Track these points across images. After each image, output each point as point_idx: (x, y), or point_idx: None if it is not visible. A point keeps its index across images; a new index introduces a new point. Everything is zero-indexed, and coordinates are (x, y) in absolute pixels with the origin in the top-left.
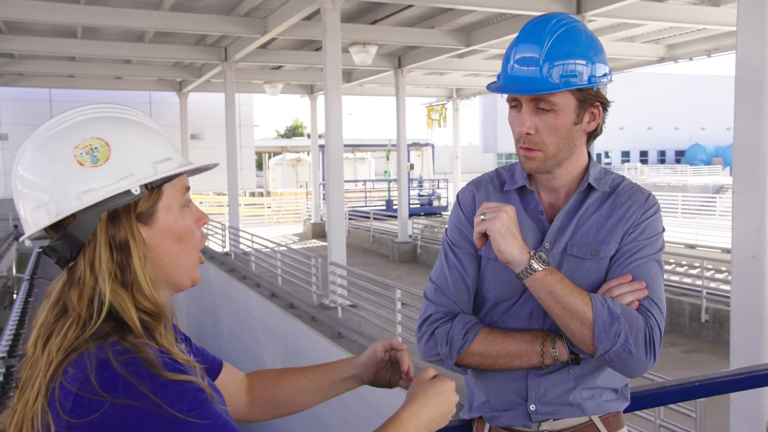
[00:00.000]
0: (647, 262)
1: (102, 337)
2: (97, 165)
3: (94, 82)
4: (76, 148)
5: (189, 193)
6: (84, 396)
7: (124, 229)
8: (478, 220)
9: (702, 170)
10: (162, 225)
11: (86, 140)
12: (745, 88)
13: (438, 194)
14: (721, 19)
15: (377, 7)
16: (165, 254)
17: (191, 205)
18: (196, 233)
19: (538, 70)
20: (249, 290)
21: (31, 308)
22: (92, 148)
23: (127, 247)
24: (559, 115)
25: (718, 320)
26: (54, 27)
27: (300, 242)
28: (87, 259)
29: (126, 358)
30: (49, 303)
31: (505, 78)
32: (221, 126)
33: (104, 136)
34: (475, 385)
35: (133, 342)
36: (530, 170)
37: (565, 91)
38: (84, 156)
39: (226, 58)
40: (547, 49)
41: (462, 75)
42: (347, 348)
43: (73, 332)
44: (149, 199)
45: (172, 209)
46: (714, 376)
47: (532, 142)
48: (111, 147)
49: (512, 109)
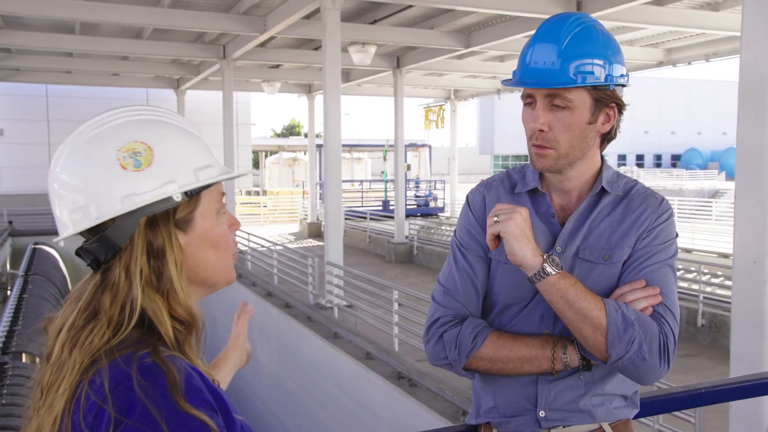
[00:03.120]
0: (661, 268)
1: (133, 346)
2: (140, 169)
3: (92, 78)
4: (119, 151)
5: (224, 199)
6: (105, 411)
7: (162, 236)
8: (491, 221)
9: (698, 175)
10: (199, 231)
11: (129, 143)
12: (748, 92)
13: (435, 195)
14: (720, 23)
15: (377, 7)
16: (201, 260)
17: (225, 212)
18: (230, 239)
19: (556, 65)
20: (245, 289)
21: (25, 305)
22: (135, 152)
23: (163, 253)
24: (573, 113)
25: (715, 325)
26: (52, 22)
27: (296, 242)
28: (123, 263)
29: (149, 378)
30: (79, 306)
31: (522, 72)
32: (218, 124)
33: (147, 140)
34: (483, 389)
35: (162, 357)
36: (542, 168)
37: (581, 88)
38: (127, 159)
39: (225, 56)
40: (564, 46)
41: (460, 76)
42: (343, 348)
43: (102, 337)
44: (188, 205)
45: (208, 215)
46: (720, 384)
47: (545, 139)
48: (154, 152)
49: (526, 107)
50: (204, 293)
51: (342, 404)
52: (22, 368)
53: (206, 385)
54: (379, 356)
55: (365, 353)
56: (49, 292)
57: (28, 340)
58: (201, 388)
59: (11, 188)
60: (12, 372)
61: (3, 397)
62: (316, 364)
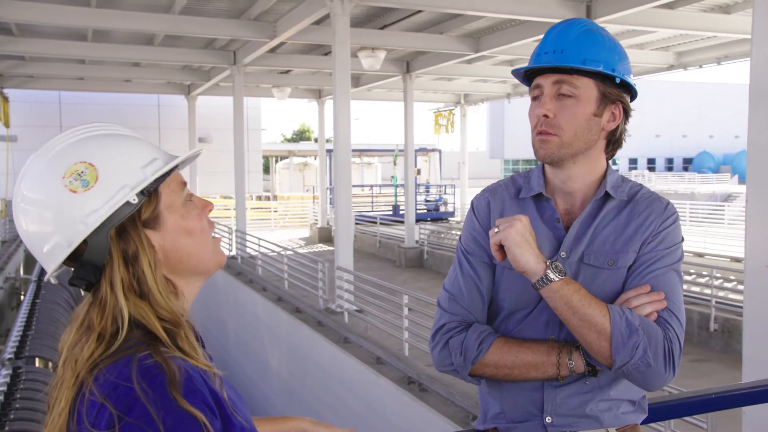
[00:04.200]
0: (666, 273)
1: (134, 347)
2: (89, 188)
3: (104, 84)
4: (64, 178)
5: (187, 188)
6: (106, 409)
7: (133, 241)
8: (493, 232)
9: (710, 178)
10: (170, 225)
11: (71, 167)
12: (759, 95)
13: (445, 200)
14: (731, 26)
15: (386, 12)
16: (182, 250)
17: (193, 198)
18: (204, 223)
19: (565, 53)
20: (255, 294)
21: (38, 310)
22: (79, 173)
23: (137, 257)
24: (580, 102)
25: (727, 329)
26: (64, 30)
27: (306, 246)
28: (107, 278)
29: (149, 378)
30: (76, 325)
31: (533, 61)
32: (229, 129)
33: (86, 158)
34: (490, 395)
35: (165, 357)
36: (544, 156)
37: (588, 79)
38: (74, 183)
39: (235, 62)
40: (573, 42)
41: (470, 81)
42: (353, 353)
43: (96, 347)
44: (149, 204)
45: (174, 207)
46: (732, 388)
47: (550, 125)
48: (96, 166)
49: (534, 101)
50: (199, 281)
51: (352, 409)
52: (35, 373)
53: (207, 387)
54: (389, 361)
55: (375, 358)
56: (62, 297)
57: (41, 345)
58: (202, 390)
59: None
60: (26, 377)
61: (17, 401)
62: (327, 369)
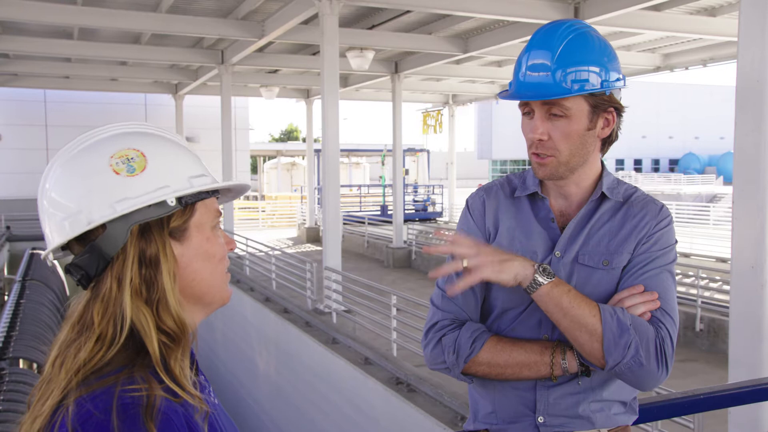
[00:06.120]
0: (660, 273)
1: (114, 374)
2: (134, 174)
3: (90, 83)
4: (112, 158)
5: (220, 219)
6: None
7: (155, 244)
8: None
9: (696, 179)
10: (194, 243)
11: (122, 150)
12: (745, 97)
13: (433, 200)
14: (717, 29)
15: (375, 12)
16: (197, 273)
17: (220, 231)
18: (225, 255)
19: (551, 76)
20: (243, 294)
21: (22, 310)
22: (129, 158)
23: (157, 262)
24: (572, 121)
25: (713, 329)
26: (50, 27)
27: (294, 246)
28: (114, 273)
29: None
30: (72, 321)
31: (518, 85)
32: (216, 129)
33: (141, 148)
34: (480, 395)
35: (145, 392)
36: (543, 177)
37: (577, 96)
38: (120, 165)
39: (223, 61)
40: (558, 55)
41: (458, 81)
42: (341, 354)
43: (92, 352)
44: (182, 215)
45: (203, 227)
46: (719, 390)
47: (545, 147)
48: (148, 158)
49: (525, 116)
50: (201, 312)
51: (340, 410)
52: (19, 374)
53: (188, 426)
54: (378, 361)
55: (364, 358)
56: (47, 297)
57: (25, 345)
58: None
59: (9, 193)
60: (9, 378)
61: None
62: (315, 370)
